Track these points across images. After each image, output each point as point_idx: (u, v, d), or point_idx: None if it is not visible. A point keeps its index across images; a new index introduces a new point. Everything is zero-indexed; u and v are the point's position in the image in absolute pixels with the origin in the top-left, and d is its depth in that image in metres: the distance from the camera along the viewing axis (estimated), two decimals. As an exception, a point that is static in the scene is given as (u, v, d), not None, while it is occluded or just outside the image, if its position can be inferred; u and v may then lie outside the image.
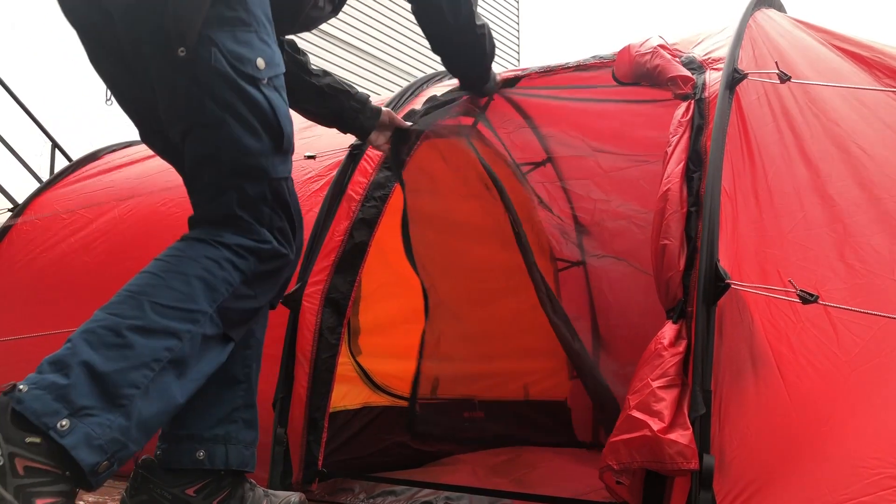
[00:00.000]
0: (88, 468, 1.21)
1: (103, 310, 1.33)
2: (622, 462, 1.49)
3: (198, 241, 1.45)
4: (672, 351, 1.54)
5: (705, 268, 1.55)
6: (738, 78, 1.80)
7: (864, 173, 1.79)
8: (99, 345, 1.26)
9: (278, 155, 1.50)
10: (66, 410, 1.18)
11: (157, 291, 1.35)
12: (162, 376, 1.31)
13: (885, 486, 1.39)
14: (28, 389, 1.19)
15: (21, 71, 6.72)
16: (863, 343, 1.55)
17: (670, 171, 1.71)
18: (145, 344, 1.29)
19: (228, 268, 1.43)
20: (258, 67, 1.45)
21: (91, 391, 1.21)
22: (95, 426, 1.21)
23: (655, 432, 1.44)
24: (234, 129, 1.44)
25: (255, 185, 1.48)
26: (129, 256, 2.68)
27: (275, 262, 1.51)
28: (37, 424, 1.17)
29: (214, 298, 1.40)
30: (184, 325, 1.34)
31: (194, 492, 1.56)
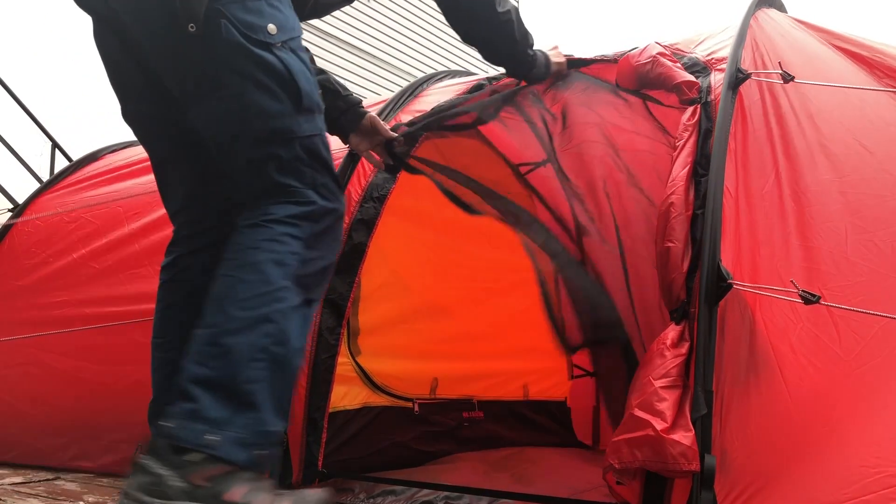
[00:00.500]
0: (248, 463, 1.31)
1: (198, 325, 1.40)
2: (624, 461, 1.48)
3: (249, 227, 1.46)
4: (674, 352, 1.54)
5: (707, 268, 1.55)
6: (741, 78, 1.80)
7: (867, 172, 1.79)
8: (204, 360, 1.35)
9: (301, 114, 1.50)
10: (207, 426, 1.29)
11: (234, 290, 1.40)
12: (273, 359, 1.37)
13: (886, 485, 1.39)
14: (173, 423, 1.30)
15: (21, 71, 6.71)
16: (864, 342, 1.55)
17: (675, 175, 1.72)
18: (243, 342, 1.35)
19: (288, 240, 1.45)
20: (270, 33, 1.46)
21: (218, 403, 1.31)
22: (237, 429, 1.31)
23: (659, 432, 1.44)
24: (253, 96, 1.45)
25: (287, 148, 1.48)
26: (130, 257, 2.68)
27: (327, 218, 1.52)
28: (192, 449, 1.27)
29: (287, 272, 1.43)
30: (271, 307, 1.39)
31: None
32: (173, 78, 1.52)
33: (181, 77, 1.50)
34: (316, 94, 1.55)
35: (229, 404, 1.32)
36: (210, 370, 1.33)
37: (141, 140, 1.76)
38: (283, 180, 1.48)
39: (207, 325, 1.39)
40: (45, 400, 2.70)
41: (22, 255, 3.02)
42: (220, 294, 1.41)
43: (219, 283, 1.43)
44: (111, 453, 2.49)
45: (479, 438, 3.09)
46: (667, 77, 1.93)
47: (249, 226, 1.46)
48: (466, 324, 3.09)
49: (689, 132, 1.77)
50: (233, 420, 1.31)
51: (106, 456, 2.50)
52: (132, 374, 2.50)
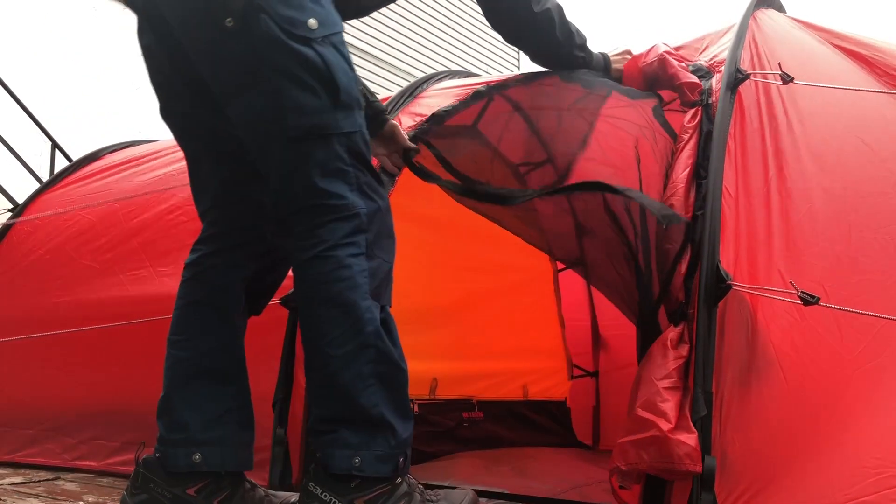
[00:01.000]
0: (393, 472, 1.48)
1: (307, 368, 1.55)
2: (630, 463, 1.47)
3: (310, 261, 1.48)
4: (675, 354, 1.54)
5: (707, 269, 1.55)
6: (740, 78, 1.81)
7: (869, 171, 1.79)
8: (325, 402, 1.49)
9: (339, 110, 1.49)
10: (351, 451, 1.45)
11: (324, 330, 1.47)
12: (383, 377, 1.48)
13: (887, 485, 1.39)
14: (322, 453, 1.47)
15: (21, 71, 6.71)
16: (866, 342, 1.55)
17: (675, 177, 1.72)
18: (352, 376, 1.45)
19: (351, 261, 1.47)
20: (310, 28, 1.45)
21: (354, 431, 1.46)
22: (375, 447, 1.46)
23: (665, 432, 1.43)
24: (291, 92, 1.44)
25: (326, 147, 1.47)
26: (130, 257, 2.68)
27: (376, 220, 1.53)
28: (343, 473, 1.45)
29: (364, 292, 1.47)
30: (363, 334, 1.46)
31: (195, 492, 1.59)
32: (211, 74, 1.50)
33: (219, 73, 1.49)
34: (355, 90, 1.53)
35: (364, 429, 1.46)
36: (334, 410, 1.47)
37: (176, 138, 1.76)
38: (326, 186, 1.46)
39: (314, 368, 1.51)
40: (46, 400, 2.70)
41: (22, 255, 3.02)
42: (313, 336, 1.49)
43: (305, 323, 1.51)
44: (117, 454, 2.49)
45: (479, 438, 3.10)
46: (672, 77, 1.93)
47: (309, 260, 1.47)
48: (466, 324, 3.10)
49: (689, 134, 1.77)
50: (372, 441, 1.46)
51: (112, 456, 2.50)
52: (133, 374, 2.50)
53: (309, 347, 1.50)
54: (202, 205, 1.75)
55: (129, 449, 2.46)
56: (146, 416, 2.44)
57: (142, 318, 2.44)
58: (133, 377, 2.52)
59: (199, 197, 1.76)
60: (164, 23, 1.54)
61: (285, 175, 1.49)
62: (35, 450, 2.68)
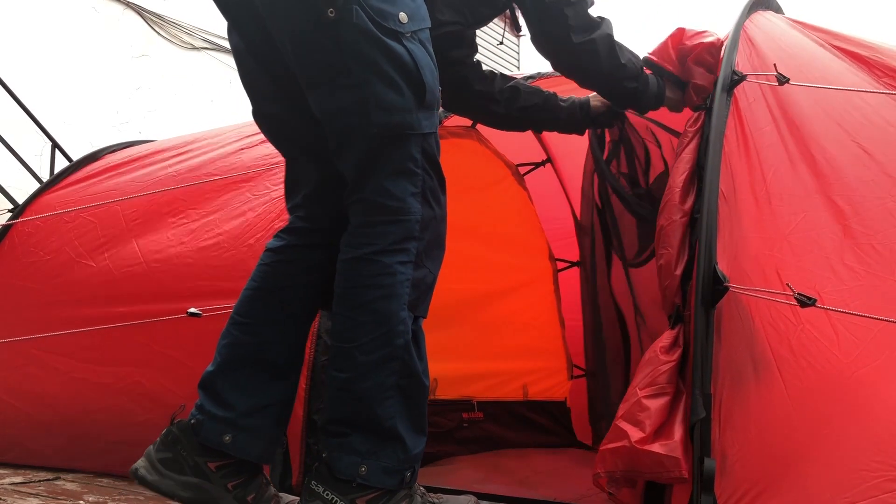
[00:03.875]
0: (397, 485, 1.48)
1: (330, 365, 1.53)
2: (607, 469, 1.54)
3: (355, 262, 1.47)
4: (665, 358, 1.56)
5: (703, 271, 1.56)
6: (736, 80, 1.81)
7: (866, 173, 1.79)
8: (342, 405, 1.48)
9: (422, 110, 1.48)
10: (359, 458, 1.45)
11: (355, 333, 1.46)
12: (403, 391, 1.47)
13: (885, 489, 1.39)
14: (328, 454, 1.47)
15: (21, 71, 6.71)
16: (863, 345, 1.55)
17: (673, 181, 1.72)
18: (373, 385, 1.45)
19: (397, 269, 1.46)
20: (401, 22, 1.44)
21: (364, 438, 1.46)
22: (384, 459, 1.46)
23: (633, 443, 1.48)
24: (376, 86, 1.43)
25: (402, 147, 1.46)
26: (131, 258, 2.68)
27: (430, 228, 1.52)
28: (347, 478, 1.45)
29: (402, 303, 1.47)
30: (391, 346, 1.46)
31: (216, 468, 1.59)
32: (299, 65, 1.49)
33: (307, 64, 1.47)
34: (438, 90, 1.52)
35: (374, 438, 1.46)
36: (349, 414, 1.47)
37: (269, 139, 1.77)
38: (390, 185, 1.46)
39: (337, 369, 1.49)
40: (46, 401, 2.70)
41: (22, 255, 3.02)
42: (343, 338, 1.48)
43: (339, 322, 1.50)
44: (110, 454, 2.49)
45: (479, 439, 3.10)
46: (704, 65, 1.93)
47: (355, 259, 1.47)
48: (466, 324, 3.10)
49: (689, 138, 1.77)
50: (379, 451, 1.45)
51: (105, 456, 2.50)
52: (131, 375, 2.50)
53: (336, 346, 1.50)
54: (292, 200, 1.73)
55: (120, 449, 2.47)
56: (146, 416, 2.45)
57: (141, 320, 2.45)
58: (133, 377, 2.52)
59: (290, 192, 1.74)
60: (250, 21, 1.54)
61: (358, 167, 1.48)
62: (34, 450, 2.68)
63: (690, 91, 2.00)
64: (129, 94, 7.75)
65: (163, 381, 2.42)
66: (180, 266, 2.53)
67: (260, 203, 2.48)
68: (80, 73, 7.39)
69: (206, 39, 8.51)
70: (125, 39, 7.90)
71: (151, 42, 8.17)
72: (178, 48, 8.41)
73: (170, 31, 8.35)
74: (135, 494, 2.18)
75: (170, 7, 8.29)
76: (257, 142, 2.84)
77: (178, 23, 8.37)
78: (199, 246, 2.52)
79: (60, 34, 7.32)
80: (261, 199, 2.50)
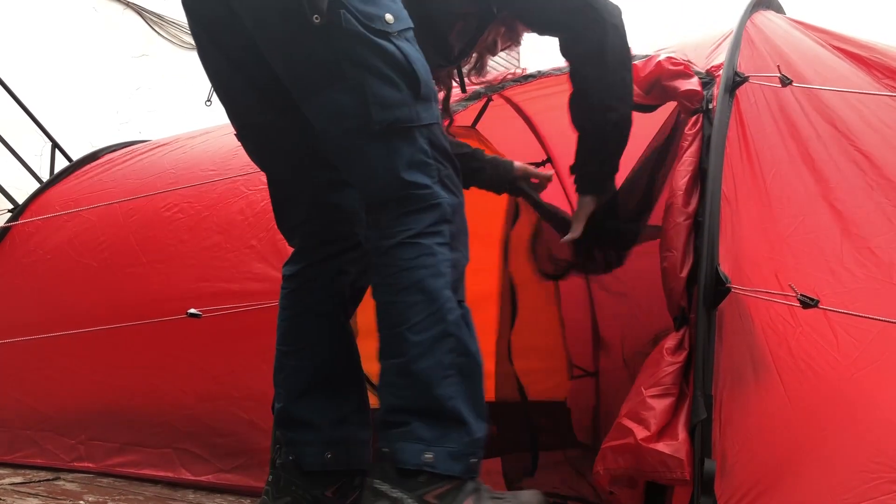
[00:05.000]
0: (465, 472, 1.41)
1: (381, 356, 1.46)
2: (608, 467, 1.53)
3: (395, 248, 1.45)
4: (670, 360, 1.55)
5: (706, 272, 1.56)
6: (738, 81, 1.80)
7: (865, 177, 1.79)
8: (400, 391, 1.42)
9: (420, 102, 1.48)
10: (424, 446, 1.39)
11: (405, 315, 1.42)
12: (461, 370, 1.43)
13: (885, 490, 1.39)
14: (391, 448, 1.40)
15: (21, 71, 6.71)
16: (862, 347, 1.55)
17: (676, 184, 1.72)
18: (431, 364, 1.40)
19: (437, 249, 1.45)
20: (387, 22, 1.45)
21: (427, 425, 1.40)
22: (450, 444, 1.40)
23: (639, 441, 1.47)
24: (373, 85, 1.43)
25: (410, 140, 1.46)
26: (132, 259, 2.68)
27: (458, 214, 1.51)
28: (414, 469, 1.38)
29: (446, 282, 1.44)
30: (445, 322, 1.42)
31: (332, 493, 1.61)
32: (290, 73, 1.49)
33: (299, 71, 1.48)
34: (432, 83, 1.53)
35: (438, 423, 1.40)
36: (409, 400, 1.41)
37: (256, 159, 1.74)
38: (411, 178, 1.45)
39: (391, 355, 1.44)
40: (60, 402, 2.71)
41: (22, 256, 3.02)
42: (393, 322, 1.44)
43: (385, 310, 1.46)
44: (116, 455, 2.49)
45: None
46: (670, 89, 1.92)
47: (394, 246, 1.45)
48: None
49: (689, 141, 1.77)
50: (445, 436, 1.40)
51: (111, 457, 2.50)
52: (137, 375, 2.51)
53: (386, 335, 1.46)
54: (292, 220, 1.73)
55: (128, 450, 2.47)
56: (146, 417, 2.46)
57: (140, 321, 2.45)
58: (133, 378, 2.52)
59: (287, 213, 1.74)
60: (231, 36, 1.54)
61: (370, 170, 1.48)
62: (34, 450, 2.68)
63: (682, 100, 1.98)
64: (129, 94, 7.74)
65: (178, 384, 2.42)
66: (182, 266, 2.53)
67: (259, 201, 2.48)
68: (80, 73, 7.38)
69: (206, 39, 8.49)
70: (125, 39, 7.90)
71: (151, 42, 8.17)
72: (178, 48, 8.41)
73: (170, 31, 8.34)
74: (134, 494, 2.18)
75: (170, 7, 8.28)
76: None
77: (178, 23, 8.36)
78: (200, 246, 2.52)
79: (60, 34, 7.31)
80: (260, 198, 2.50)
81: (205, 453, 2.30)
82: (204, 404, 2.34)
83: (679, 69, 1.93)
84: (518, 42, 2.05)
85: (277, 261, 2.28)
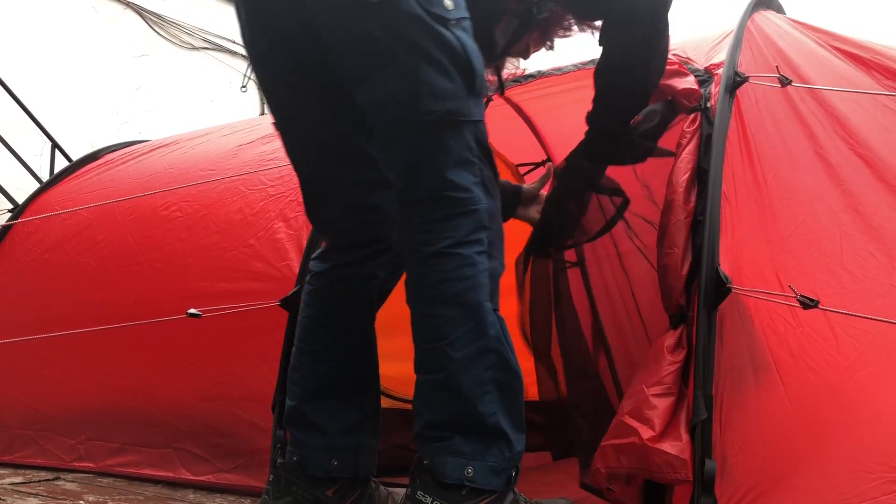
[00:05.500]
0: (505, 486, 1.41)
1: (418, 370, 1.45)
2: (610, 466, 1.51)
3: (433, 258, 1.41)
4: (671, 359, 1.54)
5: (706, 272, 1.55)
6: (738, 81, 1.80)
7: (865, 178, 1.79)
8: (441, 406, 1.41)
9: (472, 97, 1.43)
10: (465, 460, 1.38)
11: (444, 330, 1.40)
12: (501, 385, 1.41)
13: (886, 490, 1.39)
14: (431, 459, 1.40)
15: (21, 71, 6.71)
16: (862, 348, 1.55)
17: (676, 181, 1.72)
18: (471, 380, 1.39)
19: (476, 259, 1.41)
20: (447, 8, 1.39)
21: (469, 439, 1.39)
22: (492, 459, 1.39)
23: (644, 440, 1.46)
24: (427, 73, 1.37)
25: (457, 136, 1.41)
26: (130, 258, 2.68)
27: (496, 218, 1.48)
28: (455, 482, 1.38)
29: (484, 293, 1.42)
30: (485, 337, 1.40)
31: (332, 493, 1.61)
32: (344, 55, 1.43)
33: (353, 54, 1.42)
34: (485, 78, 1.48)
35: (479, 438, 1.39)
36: (449, 416, 1.40)
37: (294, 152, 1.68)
38: (453, 177, 1.40)
39: (430, 370, 1.42)
40: (60, 401, 2.70)
41: (22, 255, 3.02)
42: (432, 337, 1.41)
43: (422, 323, 1.44)
44: (116, 455, 2.49)
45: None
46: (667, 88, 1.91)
47: (433, 255, 1.40)
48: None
49: (687, 139, 1.76)
50: (486, 451, 1.39)
51: (110, 457, 2.50)
52: (136, 375, 2.50)
53: (424, 349, 1.43)
54: (326, 214, 1.68)
55: (128, 450, 2.47)
56: (145, 417, 2.45)
57: (139, 320, 2.44)
58: (133, 378, 2.52)
59: (319, 208, 1.69)
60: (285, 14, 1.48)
61: (413, 162, 1.42)
62: (34, 450, 2.68)
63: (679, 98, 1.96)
64: (129, 94, 7.75)
65: (178, 384, 2.42)
66: (180, 266, 2.53)
67: (258, 201, 2.48)
68: (80, 73, 7.39)
69: (206, 39, 8.51)
70: (125, 39, 7.91)
71: (151, 42, 8.17)
72: (178, 48, 8.41)
73: (170, 31, 8.35)
74: (134, 495, 2.18)
75: (170, 7, 8.29)
76: (255, 140, 2.84)
77: (178, 23, 8.37)
78: (199, 245, 2.52)
79: (60, 34, 7.32)
80: (259, 197, 2.50)
81: (204, 453, 2.29)
82: (203, 404, 2.34)
83: (673, 67, 1.92)
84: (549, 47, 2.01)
85: (276, 260, 2.28)
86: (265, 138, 2.79)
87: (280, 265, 2.25)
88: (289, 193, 2.40)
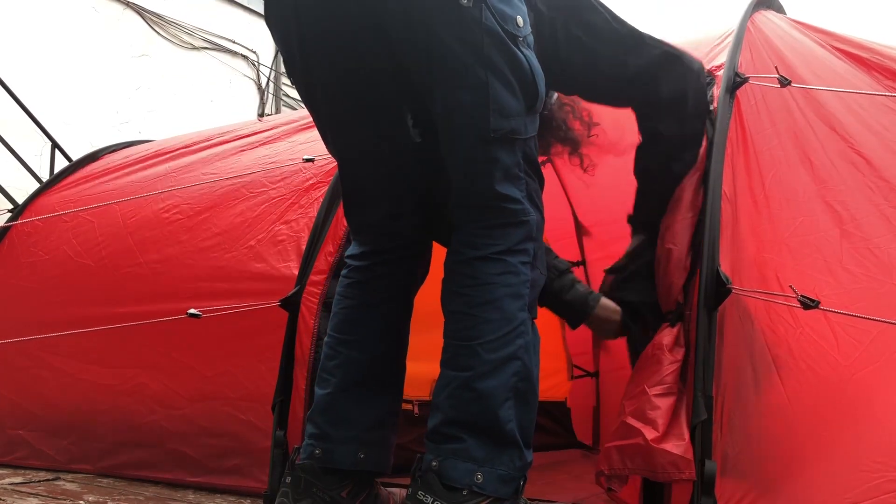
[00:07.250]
0: (512, 496, 1.41)
1: (446, 366, 1.45)
2: (614, 468, 1.51)
3: (480, 260, 1.44)
4: (670, 357, 1.54)
5: (707, 272, 1.55)
6: (738, 82, 1.80)
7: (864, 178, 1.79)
8: (462, 405, 1.41)
9: (530, 115, 1.46)
10: (475, 465, 1.38)
11: (479, 331, 1.41)
12: (520, 395, 1.42)
13: (886, 490, 1.39)
14: (440, 462, 1.39)
15: (21, 71, 6.72)
16: (862, 348, 1.55)
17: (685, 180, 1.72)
18: (496, 384, 1.40)
19: (520, 269, 1.44)
20: (518, 25, 1.41)
21: (482, 444, 1.39)
22: (502, 467, 1.40)
23: (649, 441, 1.46)
24: (496, 90, 1.40)
25: (511, 152, 1.44)
26: (130, 259, 2.68)
27: (541, 231, 1.51)
28: (461, 486, 1.37)
29: (523, 304, 1.44)
30: (515, 345, 1.42)
31: (346, 494, 1.61)
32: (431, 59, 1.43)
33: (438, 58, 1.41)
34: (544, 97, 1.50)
35: (492, 444, 1.39)
36: (469, 415, 1.40)
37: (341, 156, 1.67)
38: (503, 190, 1.43)
39: (458, 367, 1.42)
40: (52, 402, 2.70)
41: (22, 256, 3.02)
42: (465, 335, 1.43)
43: (460, 320, 1.45)
44: (112, 456, 2.49)
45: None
46: None
47: (480, 258, 1.44)
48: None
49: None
50: (497, 458, 1.39)
51: (106, 459, 2.50)
52: (136, 376, 2.50)
53: (457, 345, 1.44)
54: (368, 217, 1.67)
55: (124, 451, 2.46)
56: (143, 417, 2.45)
57: (138, 321, 2.44)
58: (138, 379, 2.52)
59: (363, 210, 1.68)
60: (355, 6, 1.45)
61: (468, 173, 1.46)
62: (28, 451, 2.68)
63: None
64: (129, 94, 7.75)
65: (167, 383, 2.41)
66: (180, 267, 2.53)
67: (258, 203, 2.48)
68: (80, 73, 7.39)
69: (206, 39, 8.51)
70: (125, 39, 7.91)
71: (151, 42, 8.18)
72: (178, 48, 8.41)
73: (170, 31, 8.35)
74: (134, 495, 2.18)
75: (170, 7, 8.29)
76: (256, 143, 2.84)
77: (178, 23, 8.37)
78: (200, 247, 2.51)
79: (60, 34, 7.32)
80: (259, 199, 2.50)
81: (201, 454, 2.29)
82: (200, 405, 2.34)
83: None
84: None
85: (277, 261, 2.28)
86: (266, 142, 2.79)
87: (280, 266, 2.25)
88: (290, 196, 2.40)
